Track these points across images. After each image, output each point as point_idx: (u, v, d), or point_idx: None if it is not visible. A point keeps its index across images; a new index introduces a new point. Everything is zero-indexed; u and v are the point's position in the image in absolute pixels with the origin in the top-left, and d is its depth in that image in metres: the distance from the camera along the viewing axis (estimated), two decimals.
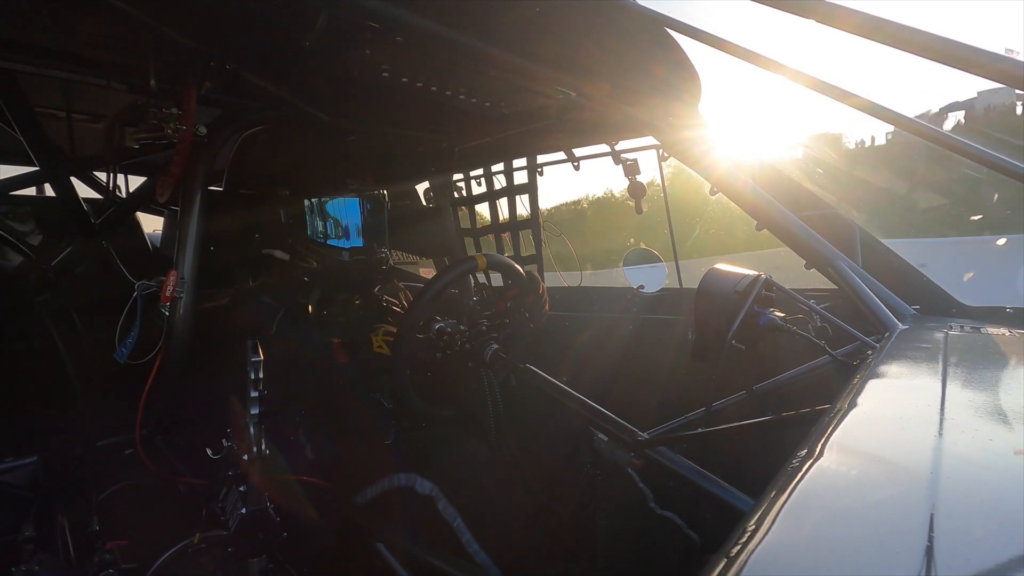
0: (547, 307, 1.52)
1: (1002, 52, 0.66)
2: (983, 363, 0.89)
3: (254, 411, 0.89)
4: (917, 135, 1.00)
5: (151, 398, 1.22)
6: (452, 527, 1.10)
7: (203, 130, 1.22)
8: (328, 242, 1.42)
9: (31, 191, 1.92)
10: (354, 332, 1.44)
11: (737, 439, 1.11)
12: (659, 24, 1.04)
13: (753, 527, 0.37)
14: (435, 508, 1.12)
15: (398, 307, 1.62)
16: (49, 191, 1.85)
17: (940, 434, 0.51)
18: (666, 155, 1.67)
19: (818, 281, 1.42)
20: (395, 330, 1.26)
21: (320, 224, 1.43)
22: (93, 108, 1.62)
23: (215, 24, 1.01)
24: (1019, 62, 0.66)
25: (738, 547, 0.35)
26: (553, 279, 2.12)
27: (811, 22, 0.78)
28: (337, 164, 1.52)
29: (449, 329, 1.34)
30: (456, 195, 2.15)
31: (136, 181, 1.93)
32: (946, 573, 0.31)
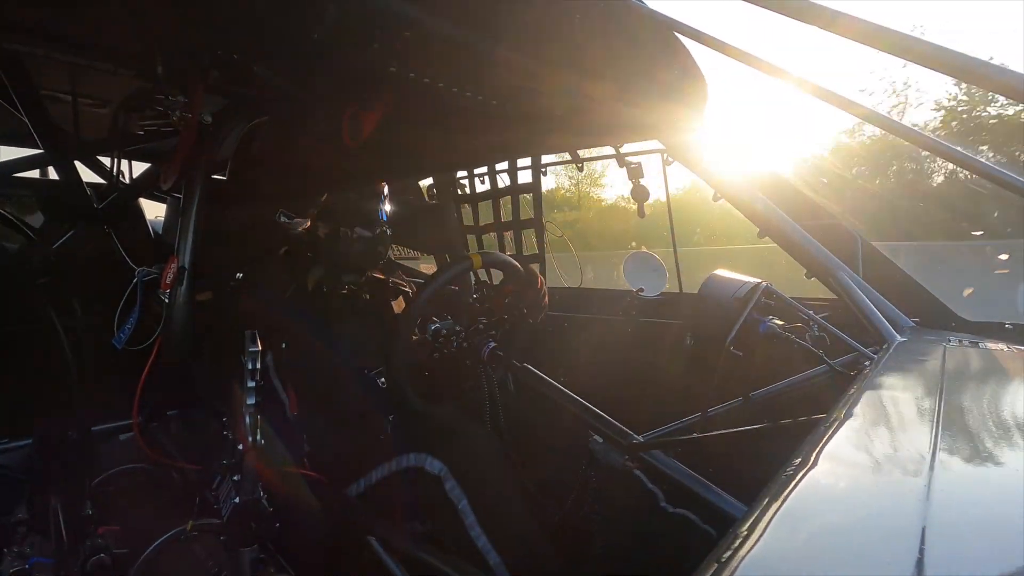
0: (546, 301, 1.52)
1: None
2: (980, 378, 0.89)
3: (250, 401, 0.89)
4: (923, 147, 1.00)
5: (148, 384, 1.22)
6: (457, 508, 1.10)
7: (208, 118, 1.22)
8: (332, 224, 1.43)
9: (35, 174, 1.92)
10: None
11: (732, 445, 1.12)
12: (667, 28, 1.04)
13: (745, 533, 0.37)
14: (442, 489, 1.12)
15: (404, 288, 1.62)
16: (53, 175, 1.85)
17: (934, 447, 0.51)
18: (670, 159, 1.67)
19: (818, 290, 1.42)
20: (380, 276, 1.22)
21: (323, 208, 1.44)
22: (99, 93, 1.61)
23: (223, 13, 1.01)
24: (1021, 75, 0.66)
25: (729, 552, 0.35)
26: (554, 279, 2.12)
27: (814, 28, 0.78)
28: (341, 157, 1.52)
29: (445, 330, 1.34)
30: (459, 192, 2.15)
31: (140, 167, 1.93)
32: None
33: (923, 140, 1.04)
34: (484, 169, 2.09)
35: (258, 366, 0.89)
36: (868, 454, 0.55)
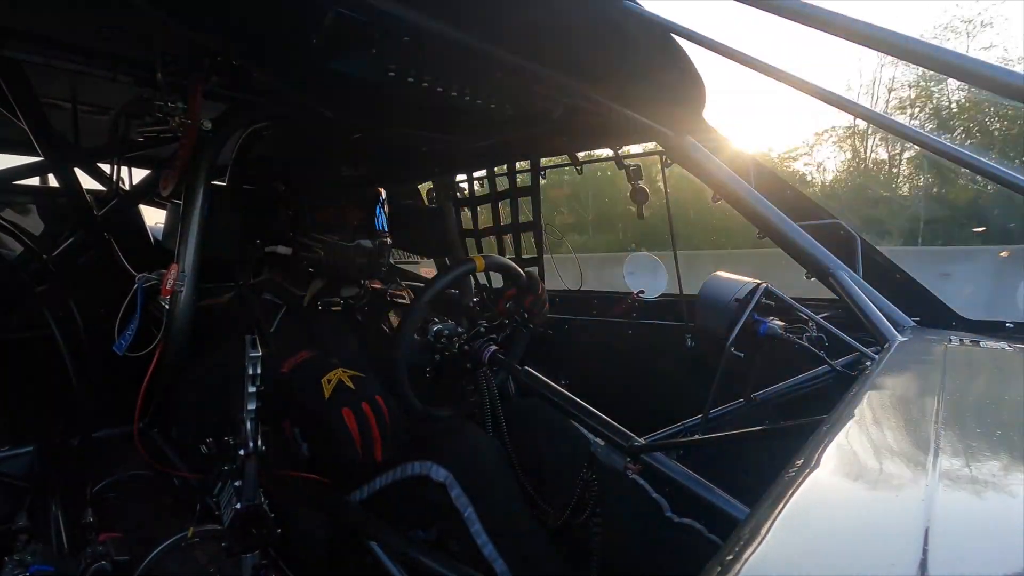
0: (547, 307, 1.52)
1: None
2: (981, 377, 0.89)
3: (251, 406, 0.89)
4: (921, 147, 1.01)
5: (149, 391, 1.22)
6: (463, 516, 1.10)
7: (208, 124, 1.23)
8: (329, 231, 1.43)
9: (34, 181, 1.92)
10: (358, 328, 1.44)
11: (734, 447, 1.11)
12: (665, 30, 1.04)
13: (748, 535, 0.37)
14: (448, 496, 1.11)
15: (403, 300, 1.62)
16: (52, 182, 1.85)
17: (936, 447, 0.51)
18: (669, 161, 1.68)
19: (819, 290, 1.42)
20: (353, 374, 1.14)
21: (321, 213, 1.44)
22: (99, 100, 1.62)
23: (223, 19, 1.01)
24: (1020, 75, 0.66)
25: (732, 555, 0.35)
26: (553, 282, 2.12)
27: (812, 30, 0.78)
28: (340, 161, 1.52)
29: (447, 332, 1.33)
30: (459, 195, 2.15)
31: (140, 174, 1.93)
32: None
33: (923, 140, 1.04)
34: (483, 172, 2.09)
35: (259, 371, 0.89)
36: (870, 454, 0.55)
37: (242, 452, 0.89)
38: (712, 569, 0.34)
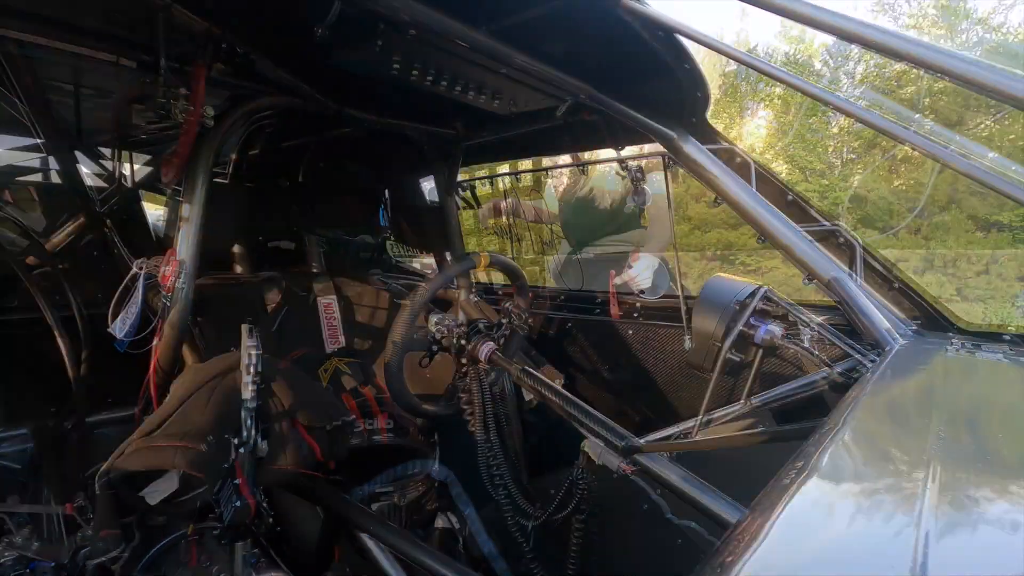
0: (528, 317, 1.52)
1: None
2: (978, 384, 0.89)
3: (247, 397, 0.89)
4: (928, 156, 1.00)
5: (142, 379, 1.21)
6: (463, 515, 1.10)
7: (211, 112, 1.22)
8: (332, 225, 1.43)
9: (36, 166, 1.91)
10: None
11: (732, 449, 1.12)
12: (670, 30, 1.04)
13: (744, 538, 0.37)
14: (448, 494, 1.12)
15: (406, 300, 1.62)
16: (54, 167, 1.85)
17: (933, 452, 0.51)
18: (672, 163, 1.67)
19: (819, 295, 1.42)
20: (348, 360, 1.16)
21: (322, 208, 1.44)
22: (101, 85, 1.61)
23: (229, 6, 1.01)
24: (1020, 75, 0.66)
25: (731, 557, 0.35)
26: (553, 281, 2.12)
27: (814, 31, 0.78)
28: (343, 155, 1.52)
29: (447, 322, 1.34)
30: (461, 192, 2.15)
31: (141, 161, 1.92)
32: None
33: (924, 145, 1.04)
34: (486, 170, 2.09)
35: (258, 363, 0.89)
36: (867, 459, 0.55)
37: (242, 449, 0.89)
38: (711, 567, 0.34)
